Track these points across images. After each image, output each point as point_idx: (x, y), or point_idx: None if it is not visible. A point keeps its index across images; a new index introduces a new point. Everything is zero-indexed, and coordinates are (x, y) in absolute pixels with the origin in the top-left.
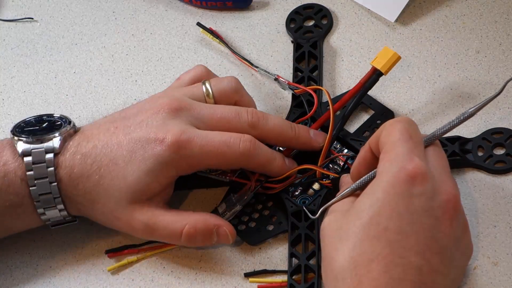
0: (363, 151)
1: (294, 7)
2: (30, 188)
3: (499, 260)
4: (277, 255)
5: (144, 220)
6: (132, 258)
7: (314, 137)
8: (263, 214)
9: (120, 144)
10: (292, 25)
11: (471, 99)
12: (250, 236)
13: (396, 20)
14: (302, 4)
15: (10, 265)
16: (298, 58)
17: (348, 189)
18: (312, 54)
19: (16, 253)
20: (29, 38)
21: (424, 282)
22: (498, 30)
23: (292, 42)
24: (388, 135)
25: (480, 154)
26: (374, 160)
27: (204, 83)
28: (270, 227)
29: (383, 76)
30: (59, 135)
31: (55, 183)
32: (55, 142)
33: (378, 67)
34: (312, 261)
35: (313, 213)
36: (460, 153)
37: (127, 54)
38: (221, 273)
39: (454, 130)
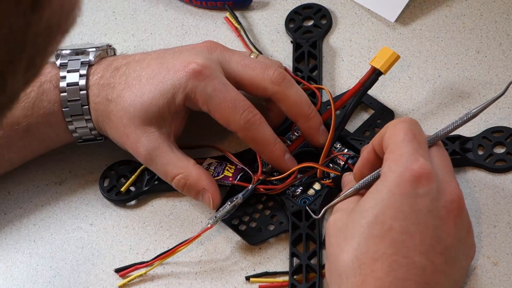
0: (366, 152)
1: (294, 7)
2: (61, 95)
3: (499, 260)
4: (277, 255)
5: (149, 148)
6: (141, 272)
7: (322, 131)
8: (264, 214)
9: (150, 65)
10: (292, 25)
11: (471, 99)
12: (251, 236)
13: (396, 20)
14: (302, 4)
15: (10, 265)
16: (297, 58)
17: (352, 188)
18: (311, 54)
19: (16, 253)
20: None
21: (428, 283)
22: (498, 30)
23: (291, 42)
24: (392, 135)
25: (480, 153)
26: (377, 161)
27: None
28: (271, 227)
29: (383, 75)
30: (96, 50)
31: (84, 91)
32: (91, 55)
33: (377, 66)
34: (313, 261)
35: (315, 213)
36: (460, 152)
37: None
38: (221, 273)
39: None
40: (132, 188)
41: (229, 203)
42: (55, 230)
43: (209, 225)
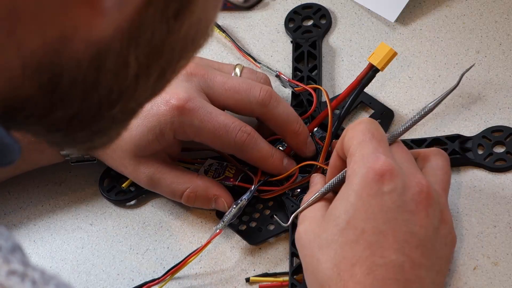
0: (332, 159)
1: (294, 7)
2: None
3: (499, 260)
4: (277, 254)
5: (149, 174)
6: None
7: (309, 144)
8: (264, 214)
9: None
10: (291, 25)
11: (471, 99)
12: (251, 236)
13: (396, 20)
14: (301, 3)
15: None
16: (297, 58)
17: (318, 193)
18: (311, 53)
19: None
20: None
21: (409, 279)
22: (498, 30)
23: (291, 42)
24: (351, 138)
25: (480, 152)
26: (343, 166)
27: (236, 66)
28: (271, 227)
29: (382, 73)
30: None
31: None
32: None
33: (374, 63)
34: None
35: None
36: (460, 152)
37: None
38: (221, 273)
39: (454, 128)
40: (132, 188)
41: (234, 206)
42: (55, 230)
43: (218, 231)
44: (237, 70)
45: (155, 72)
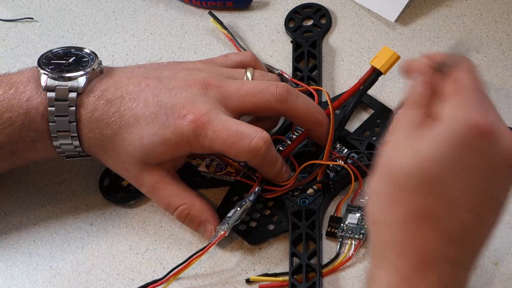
0: (427, 73)
1: (294, 7)
2: (49, 124)
3: (499, 260)
4: (277, 255)
5: (152, 182)
6: None
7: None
8: (264, 214)
9: (146, 103)
10: (291, 25)
11: None
12: (250, 236)
13: (396, 20)
14: (301, 3)
15: (10, 265)
16: (297, 58)
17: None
18: (311, 53)
19: (16, 253)
20: (29, 38)
21: (471, 238)
22: (498, 30)
23: (291, 42)
24: (458, 80)
25: None
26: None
27: (247, 72)
28: (271, 227)
29: (383, 75)
30: (85, 74)
31: (74, 123)
32: (80, 81)
33: (377, 66)
34: (313, 261)
35: (315, 212)
36: None
37: (127, 54)
38: (221, 273)
39: None
40: (132, 188)
41: (238, 208)
42: (55, 230)
43: (222, 232)
44: (248, 74)
45: None
